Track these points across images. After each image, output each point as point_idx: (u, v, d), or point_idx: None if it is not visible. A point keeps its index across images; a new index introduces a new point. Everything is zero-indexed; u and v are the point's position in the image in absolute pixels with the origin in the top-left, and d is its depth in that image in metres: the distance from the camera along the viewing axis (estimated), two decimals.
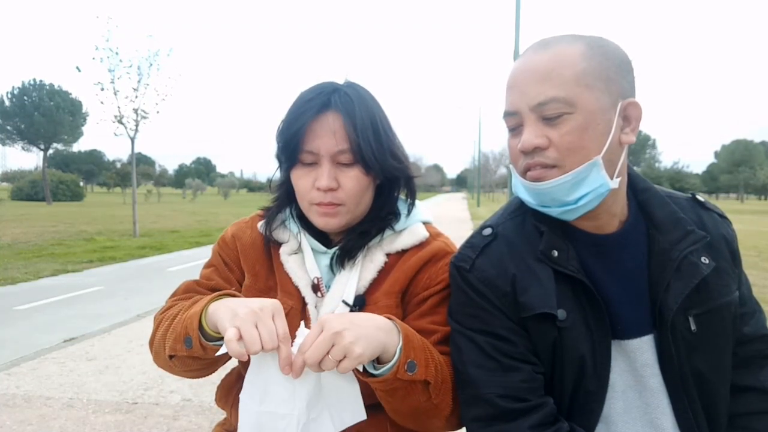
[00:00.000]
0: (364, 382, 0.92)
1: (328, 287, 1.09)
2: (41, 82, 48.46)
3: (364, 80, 1.11)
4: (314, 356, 0.83)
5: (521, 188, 0.98)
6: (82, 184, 56.72)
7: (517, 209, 1.06)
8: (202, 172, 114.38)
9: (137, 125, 13.83)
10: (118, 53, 13.41)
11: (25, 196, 42.20)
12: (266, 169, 1.20)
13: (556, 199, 0.93)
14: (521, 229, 1.02)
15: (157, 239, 13.76)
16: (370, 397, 0.95)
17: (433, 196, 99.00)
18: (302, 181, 1.06)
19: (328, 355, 0.84)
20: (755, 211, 41.63)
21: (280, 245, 1.14)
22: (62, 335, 5.06)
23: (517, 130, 0.95)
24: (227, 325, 0.86)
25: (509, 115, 0.95)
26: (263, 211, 1.20)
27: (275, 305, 0.89)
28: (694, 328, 0.96)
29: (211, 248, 1.23)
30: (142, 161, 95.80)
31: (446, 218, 22.55)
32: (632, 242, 0.99)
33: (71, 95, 48.67)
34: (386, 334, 0.89)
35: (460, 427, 1.02)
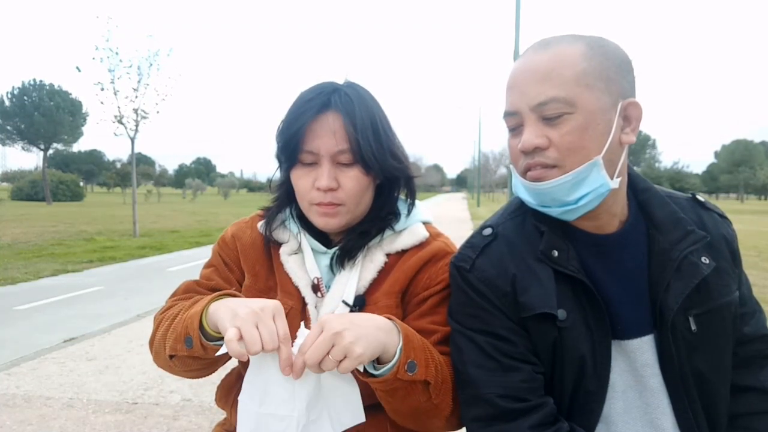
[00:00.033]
0: (364, 382, 0.91)
1: (328, 287, 1.09)
2: (41, 82, 48.47)
3: (364, 80, 1.11)
4: (314, 356, 0.83)
5: (521, 188, 0.98)
6: (82, 184, 56.72)
7: (517, 209, 1.06)
8: (202, 172, 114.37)
9: (137, 125, 13.84)
10: (118, 53, 13.43)
11: (25, 196, 42.22)
12: (266, 169, 1.20)
13: (556, 199, 0.93)
14: (521, 229, 1.02)
15: (157, 239, 13.76)
16: (370, 397, 0.95)
17: (433, 196, 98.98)
18: (302, 181, 1.06)
19: (328, 355, 0.83)
20: (755, 211, 41.62)
21: (280, 245, 1.14)
22: (62, 335, 5.06)
23: (517, 130, 0.95)
24: (228, 325, 0.86)
25: (509, 115, 0.95)
26: (263, 211, 1.20)
27: (276, 306, 0.89)
28: (694, 328, 0.96)
29: (211, 248, 1.23)
30: (142, 161, 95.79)
31: (446, 218, 22.55)
32: (632, 242, 0.99)
33: (71, 95, 48.68)
34: (386, 334, 0.89)
35: (460, 427, 1.02)
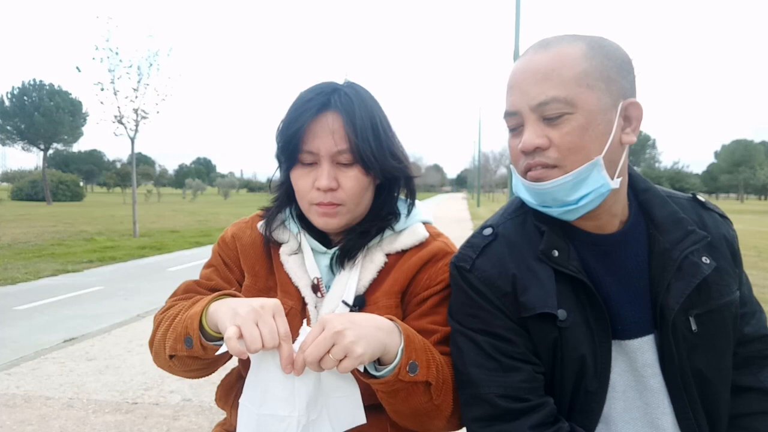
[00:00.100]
0: (365, 383, 0.91)
1: (327, 287, 1.09)
2: (41, 82, 48.52)
3: (364, 80, 1.11)
4: (314, 354, 0.83)
5: (522, 188, 0.98)
6: (82, 184, 56.71)
7: (517, 209, 1.06)
8: (202, 172, 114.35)
9: (137, 125, 13.83)
10: (118, 53, 13.42)
11: (25, 196, 42.25)
12: (266, 169, 1.21)
13: (557, 199, 0.92)
14: (522, 229, 1.02)
15: (157, 239, 13.75)
16: (370, 397, 0.95)
17: (433, 196, 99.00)
18: (302, 181, 1.06)
19: (328, 354, 0.83)
20: (755, 211, 41.61)
21: (280, 245, 1.14)
22: (62, 335, 5.06)
23: (517, 130, 0.95)
24: (228, 323, 0.85)
25: (510, 115, 0.95)
26: (263, 211, 1.20)
27: (276, 304, 0.89)
28: (694, 328, 0.96)
29: (211, 248, 1.23)
30: (142, 161, 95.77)
31: (446, 218, 22.55)
32: (633, 242, 0.99)
33: (71, 95, 48.73)
34: (387, 334, 0.89)
35: (460, 427, 1.02)
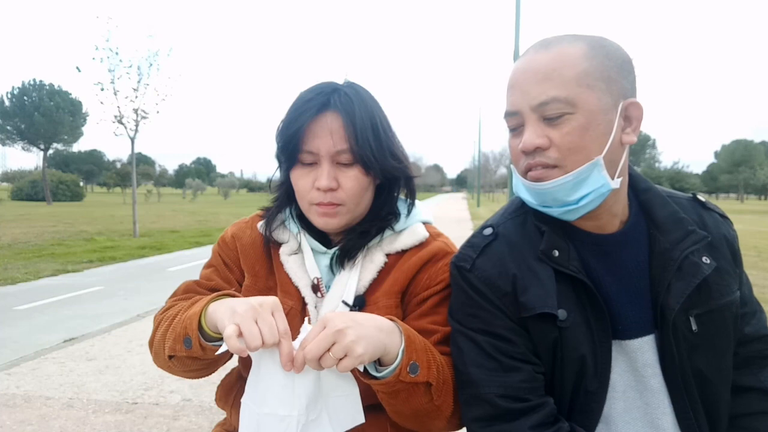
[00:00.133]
0: (365, 383, 0.91)
1: (327, 287, 1.09)
2: (41, 82, 48.54)
3: (364, 80, 1.11)
4: (314, 351, 0.82)
5: (522, 188, 0.98)
6: (82, 184, 56.71)
7: (518, 209, 1.06)
8: (202, 172, 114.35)
9: (137, 125, 13.83)
10: (118, 53, 13.42)
11: (25, 196, 42.26)
12: (266, 169, 1.21)
13: (557, 199, 0.92)
14: (522, 228, 1.02)
15: (157, 239, 13.75)
16: (370, 397, 0.95)
17: (433, 196, 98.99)
18: (302, 181, 1.05)
19: (328, 352, 0.83)
20: (755, 211, 41.62)
21: (280, 245, 1.14)
22: (62, 335, 5.06)
23: (518, 130, 0.95)
24: (227, 322, 0.85)
25: (510, 115, 0.95)
26: (263, 211, 1.20)
27: (274, 301, 0.89)
28: (695, 328, 0.95)
29: (211, 248, 1.23)
30: (142, 161, 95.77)
31: (446, 218, 22.55)
32: (633, 242, 0.99)
33: (71, 95, 48.74)
34: (388, 336, 0.89)
35: (460, 427, 1.02)
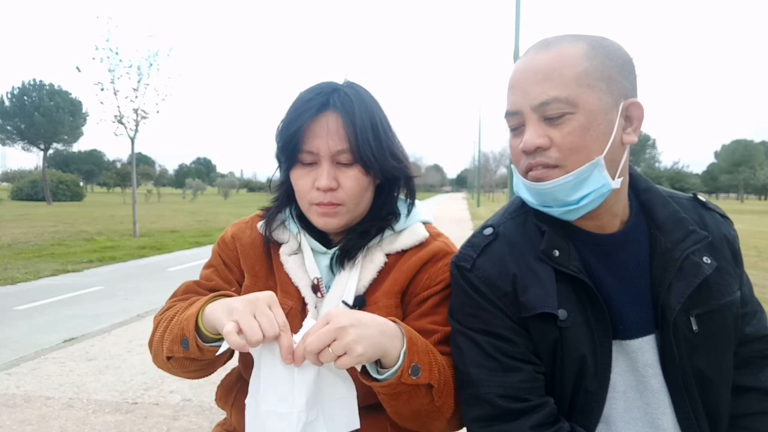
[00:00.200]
0: (366, 385, 0.91)
1: (327, 288, 1.09)
2: (41, 82, 48.51)
3: (364, 80, 1.11)
4: (314, 345, 0.82)
5: (523, 188, 0.98)
6: (82, 184, 56.70)
7: (518, 209, 1.06)
8: (202, 172, 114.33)
9: (137, 125, 13.82)
10: (118, 53, 13.41)
11: (25, 196, 42.25)
12: (266, 169, 1.21)
13: (557, 199, 0.92)
14: (522, 228, 1.02)
15: (157, 239, 13.75)
16: (370, 396, 0.95)
17: (433, 196, 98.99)
18: (302, 181, 1.05)
19: (328, 348, 0.83)
20: (755, 211, 41.62)
21: (279, 245, 1.14)
22: (62, 335, 5.06)
23: (518, 130, 0.95)
24: (225, 320, 0.85)
25: (511, 114, 0.95)
26: (263, 211, 1.20)
27: (270, 296, 0.88)
28: (695, 328, 0.95)
29: (211, 248, 1.23)
30: (142, 161, 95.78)
31: (446, 218, 22.55)
32: (634, 242, 0.99)
33: (71, 95, 48.72)
34: (390, 339, 0.88)
35: (461, 427, 1.02)
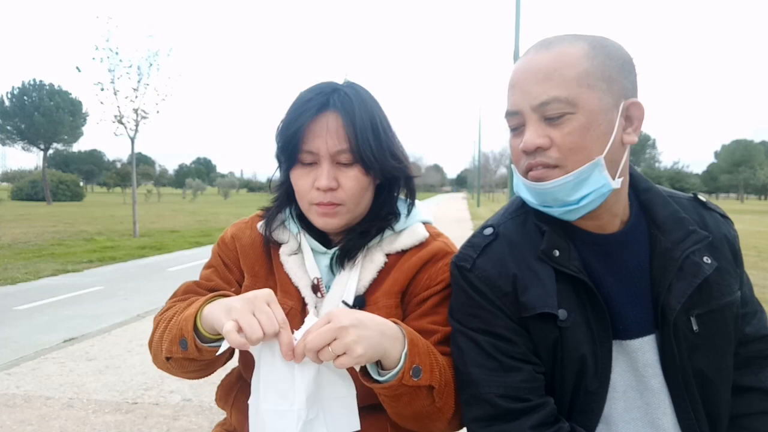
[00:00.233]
0: (368, 387, 0.91)
1: (327, 288, 1.09)
2: (41, 82, 48.50)
3: (364, 80, 1.11)
4: (315, 343, 0.82)
5: (523, 188, 0.98)
6: (82, 184, 56.69)
7: (518, 209, 1.05)
8: (202, 172, 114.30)
9: (137, 125, 13.82)
10: (118, 53, 13.41)
11: (25, 196, 42.26)
12: (266, 169, 1.21)
13: (558, 199, 0.92)
14: (522, 228, 1.02)
15: (157, 239, 13.75)
16: (370, 396, 0.95)
17: (433, 196, 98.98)
18: (302, 181, 1.05)
19: (328, 347, 0.83)
20: (755, 211, 41.62)
21: (279, 246, 1.14)
22: (62, 335, 5.06)
23: (519, 129, 0.95)
24: (224, 320, 0.85)
25: (511, 114, 0.95)
26: (263, 211, 1.20)
27: (268, 293, 0.88)
28: (696, 328, 0.95)
29: (211, 248, 1.23)
30: (142, 161, 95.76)
31: (446, 218, 22.55)
32: (634, 242, 0.99)
33: (71, 95, 48.71)
34: (390, 341, 0.88)
35: (461, 427, 1.02)
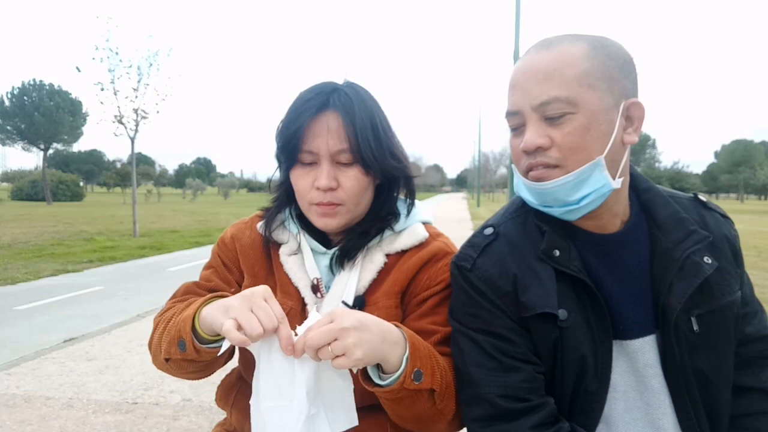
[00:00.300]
0: (369, 390, 0.91)
1: (327, 288, 1.09)
2: (41, 82, 48.50)
3: (364, 80, 1.11)
4: (315, 341, 0.82)
5: (523, 188, 0.98)
6: (82, 184, 56.69)
7: (518, 209, 1.05)
8: (202, 172, 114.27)
9: (137, 125, 13.82)
10: (118, 53, 13.41)
11: (25, 196, 42.26)
12: (266, 169, 1.20)
13: (558, 199, 0.92)
14: (523, 228, 1.02)
15: (157, 239, 13.75)
16: (370, 397, 0.95)
17: (433, 196, 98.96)
18: (302, 181, 1.05)
19: (328, 346, 0.83)
20: (755, 211, 41.62)
21: (279, 246, 1.14)
22: (62, 335, 5.06)
23: (519, 129, 0.95)
24: (222, 319, 0.85)
25: (511, 114, 0.95)
26: (263, 211, 1.19)
27: (265, 289, 0.88)
28: (696, 328, 0.95)
29: (211, 248, 1.23)
30: (142, 161, 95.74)
31: (446, 218, 22.55)
32: (634, 242, 0.99)
33: (71, 95, 48.72)
34: (391, 345, 0.88)
35: (461, 428, 1.02)
